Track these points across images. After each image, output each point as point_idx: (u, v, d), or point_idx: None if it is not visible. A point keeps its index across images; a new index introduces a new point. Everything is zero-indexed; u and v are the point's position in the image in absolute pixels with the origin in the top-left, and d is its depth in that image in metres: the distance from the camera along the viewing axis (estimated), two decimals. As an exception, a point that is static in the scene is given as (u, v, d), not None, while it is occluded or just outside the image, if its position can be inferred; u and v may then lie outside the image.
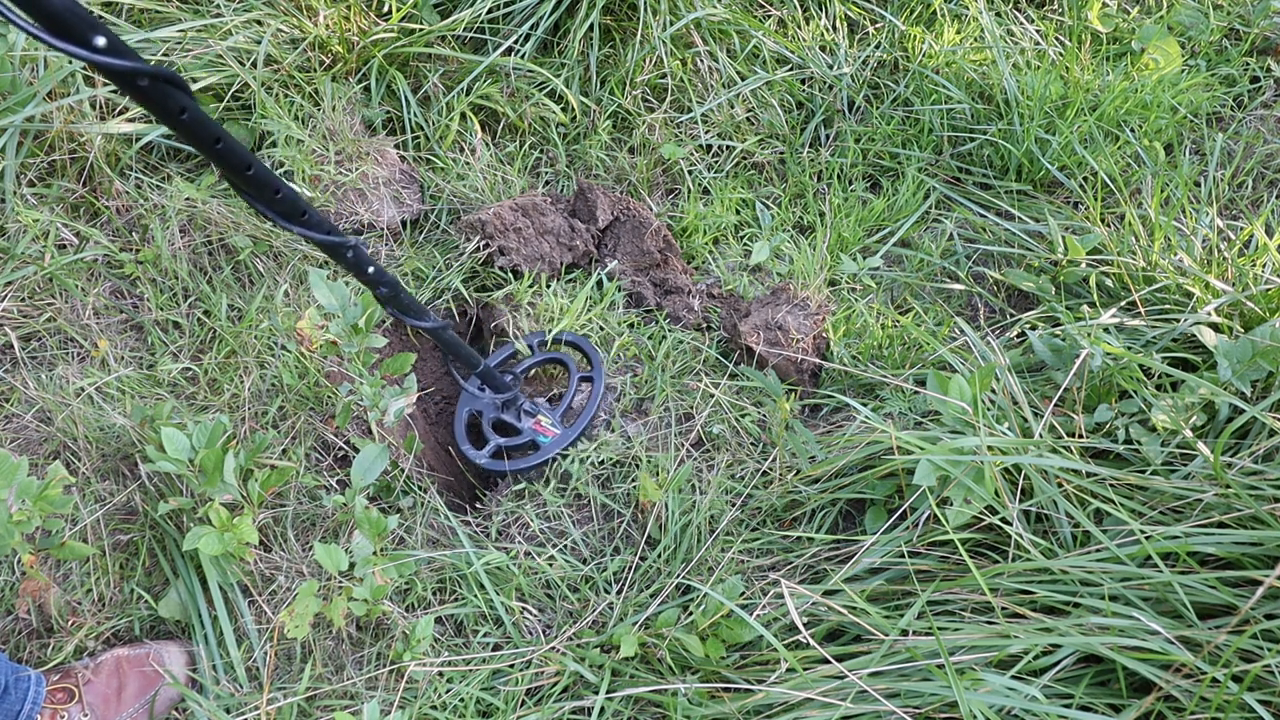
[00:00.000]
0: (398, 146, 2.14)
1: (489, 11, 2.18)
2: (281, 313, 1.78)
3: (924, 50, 2.36)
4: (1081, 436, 1.46)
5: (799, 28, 2.41)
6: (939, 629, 1.19)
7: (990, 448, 1.34)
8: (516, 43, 2.20)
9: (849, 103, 2.38)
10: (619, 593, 1.51)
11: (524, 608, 1.50)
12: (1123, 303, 1.71)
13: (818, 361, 1.85)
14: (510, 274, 1.96)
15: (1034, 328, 1.77)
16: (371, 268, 1.19)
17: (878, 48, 2.41)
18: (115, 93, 1.87)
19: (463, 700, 1.36)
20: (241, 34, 1.98)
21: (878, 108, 2.35)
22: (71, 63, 1.78)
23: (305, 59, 2.06)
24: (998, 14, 2.46)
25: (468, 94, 2.16)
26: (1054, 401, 1.50)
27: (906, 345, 1.84)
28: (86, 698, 1.36)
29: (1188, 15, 2.48)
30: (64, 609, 1.44)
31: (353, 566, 1.41)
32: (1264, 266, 1.68)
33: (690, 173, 2.23)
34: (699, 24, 2.28)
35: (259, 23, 2.02)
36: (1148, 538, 1.24)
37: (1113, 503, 1.33)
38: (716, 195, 2.18)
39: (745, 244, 2.13)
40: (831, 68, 2.38)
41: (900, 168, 2.27)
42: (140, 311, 1.80)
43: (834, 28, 2.42)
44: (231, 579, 1.45)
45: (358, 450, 1.55)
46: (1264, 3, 2.45)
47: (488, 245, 1.94)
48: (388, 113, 2.16)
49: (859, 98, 2.38)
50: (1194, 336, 1.57)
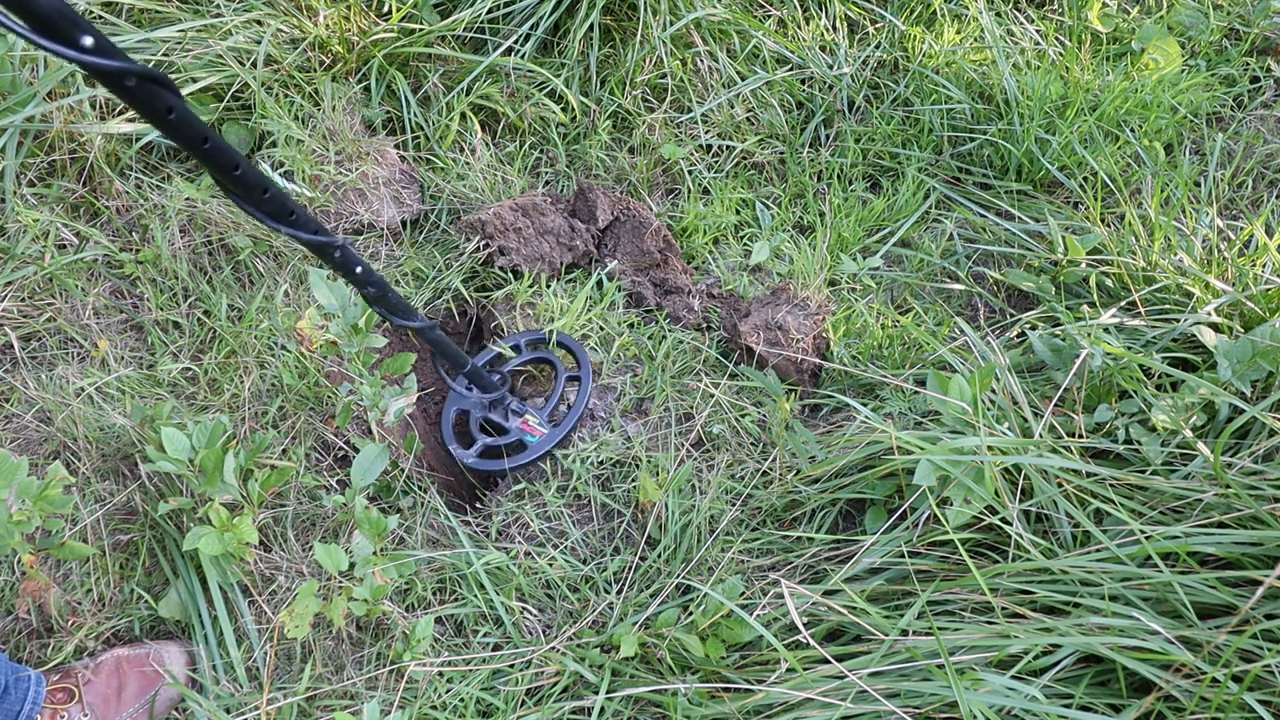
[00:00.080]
0: (398, 146, 2.14)
1: (489, 11, 2.18)
2: (281, 313, 1.78)
3: (924, 50, 2.36)
4: (1081, 436, 1.46)
5: (799, 28, 2.41)
6: (939, 629, 1.19)
7: (990, 448, 1.34)
8: (516, 43, 2.20)
9: (849, 103, 2.38)
10: (619, 593, 1.51)
11: (524, 608, 1.50)
12: (1123, 303, 1.71)
13: (818, 361, 1.85)
14: (510, 274, 1.96)
15: (1034, 328, 1.77)
16: (359, 267, 1.19)
17: (878, 48, 2.41)
18: (115, 93, 1.87)
19: (463, 700, 1.36)
20: (241, 34, 1.98)
21: (878, 108, 2.35)
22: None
23: (305, 59, 2.06)
24: (998, 14, 2.46)
25: (468, 94, 2.16)
26: (1054, 401, 1.50)
27: (906, 345, 1.84)
28: (86, 698, 1.36)
29: (1188, 15, 2.48)
30: (64, 609, 1.44)
31: (353, 566, 1.41)
32: (1264, 266, 1.68)
33: (690, 173, 2.23)
34: (699, 24, 2.28)
35: (259, 23, 2.02)
36: (1148, 538, 1.24)
37: (1113, 503, 1.33)
38: (716, 195, 2.18)
39: (745, 244, 2.13)
40: (831, 68, 2.38)
41: (900, 168, 2.27)
42: (140, 311, 1.80)
43: (834, 28, 2.42)
44: (231, 579, 1.45)
45: (358, 450, 1.55)
46: (1264, 3, 2.45)
47: (488, 245, 1.94)
48: (388, 113, 2.16)
49: (859, 98, 2.38)
50: (1194, 336, 1.57)
